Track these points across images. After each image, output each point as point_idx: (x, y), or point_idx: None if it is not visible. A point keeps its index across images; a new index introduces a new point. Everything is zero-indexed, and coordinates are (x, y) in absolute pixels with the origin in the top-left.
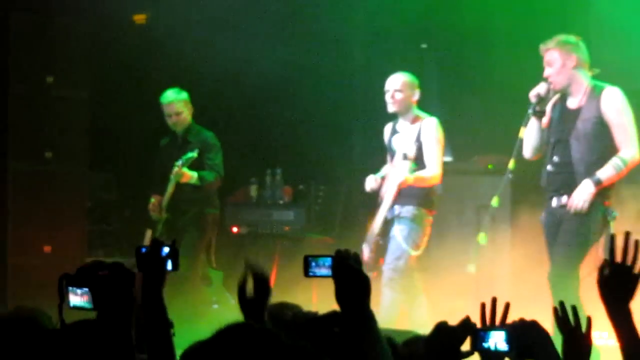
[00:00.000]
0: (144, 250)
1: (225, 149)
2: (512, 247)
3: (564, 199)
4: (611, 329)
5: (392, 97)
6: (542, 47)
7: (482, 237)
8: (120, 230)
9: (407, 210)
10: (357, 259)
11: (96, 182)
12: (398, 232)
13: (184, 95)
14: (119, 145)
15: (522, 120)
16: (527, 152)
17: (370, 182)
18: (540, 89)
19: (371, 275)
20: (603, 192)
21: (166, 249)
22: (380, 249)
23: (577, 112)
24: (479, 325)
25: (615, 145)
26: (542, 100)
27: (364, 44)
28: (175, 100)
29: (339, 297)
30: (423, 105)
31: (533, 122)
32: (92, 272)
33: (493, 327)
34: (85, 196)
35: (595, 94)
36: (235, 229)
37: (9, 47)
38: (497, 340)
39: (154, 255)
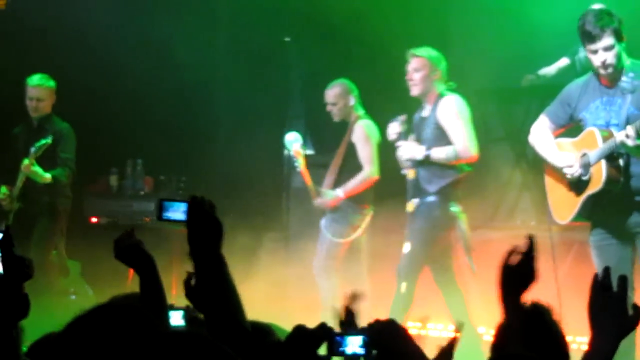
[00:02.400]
0: None
1: (86, 138)
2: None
3: (415, 201)
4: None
5: (331, 111)
6: (412, 52)
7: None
8: None
9: (339, 203)
10: (211, 205)
11: None
12: (323, 222)
13: (52, 83)
14: None
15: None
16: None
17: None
18: (395, 128)
19: None
20: (446, 192)
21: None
22: None
23: (426, 119)
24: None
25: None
26: (402, 133)
27: (227, 36)
28: (42, 86)
29: (192, 241)
30: (284, 98)
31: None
32: None
33: (350, 331)
34: None
35: (436, 102)
36: (94, 219)
37: None
38: (354, 345)
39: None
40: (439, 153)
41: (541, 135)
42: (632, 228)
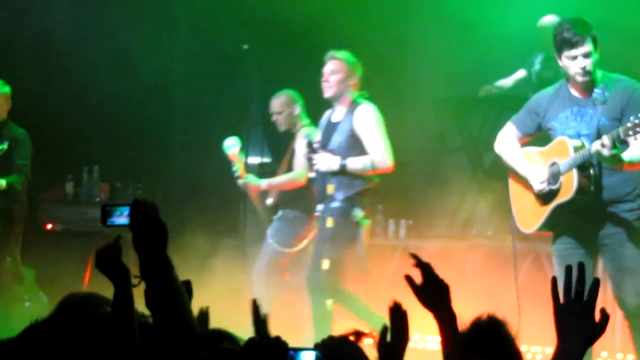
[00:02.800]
0: None
1: (42, 145)
2: None
3: (320, 206)
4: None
5: (277, 120)
6: (331, 53)
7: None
8: None
9: (286, 212)
10: (153, 207)
11: None
12: (269, 230)
13: (6, 89)
14: None
15: None
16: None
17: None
18: (307, 141)
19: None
20: (351, 200)
21: None
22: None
23: (336, 125)
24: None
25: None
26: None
27: (186, 43)
28: None
29: (137, 245)
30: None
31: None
32: None
33: (303, 347)
34: None
35: (352, 109)
36: (49, 226)
37: None
38: None
39: None
40: (356, 163)
41: (508, 144)
42: (600, 239)
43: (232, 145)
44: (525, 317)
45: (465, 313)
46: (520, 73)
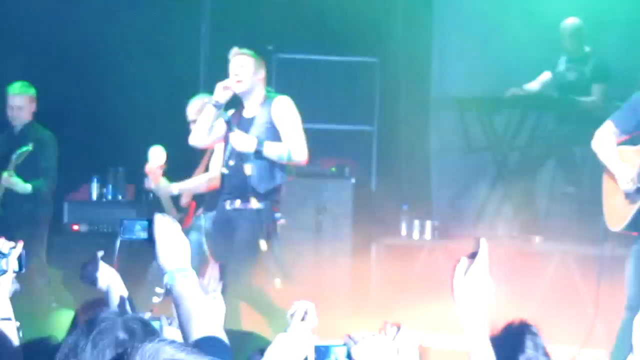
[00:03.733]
0: None
1: (67, 146)
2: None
3: (237, 202)
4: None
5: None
6: (236, 49)
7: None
8: None
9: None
10: (175, 221)
11: None
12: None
13: (32, 91)
14: None
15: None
16: (197, 137)
17: None
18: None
19: None
20: (272, 198)
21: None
22: None
23: (251, 120)
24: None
25: None
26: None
27: (210, 45)
28: (22, 94)
29: (162, 258)
30: None
31: (210, 109)
32: None
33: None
34: None
35: (267, 103)
36: (75, 227)
37: None
38: (338, 356)
39: None
40: (273, 149)
41: (604, 141)
42: None
43: (157, 156)
44: (553, 318)
45: (491, 314)
46: (545, 75)
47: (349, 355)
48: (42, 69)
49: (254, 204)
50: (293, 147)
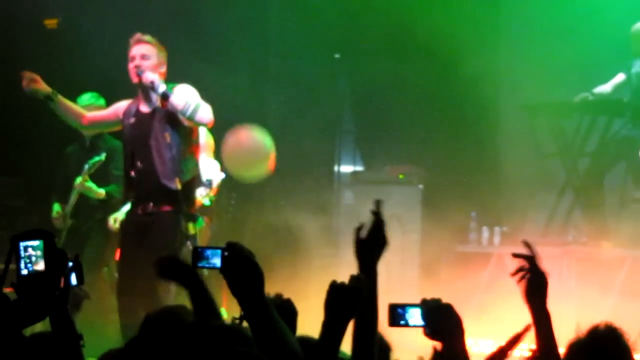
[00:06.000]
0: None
1: None
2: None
3: (150, 205)
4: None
5: None
6: (139, 35)
7: None
8: None
9: None
10: (250, 251)
11: (4, 187)
12: None
13: (101, 101)
14: (27, 149)
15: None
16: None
17: None
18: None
19: None
20: (186, 200)
21: (69, 264)
22: None
23: (151, 114)
24: None
25: None
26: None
27: (278, 54)
28: (92, 105)
29: (234, 289)
30: (333, 115)
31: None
32: None
33: (409, 303)
34: None
35: (167, 93)
36: None
37: None
38: (414, 316)
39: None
40: (179, 97)
41: None
42: None
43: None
44: (625, 324)
45: (563, 320)
46: (619, 77)
47: (423, 316)
48: (109, 79)
49: (166, 207)
50: (200, 104)
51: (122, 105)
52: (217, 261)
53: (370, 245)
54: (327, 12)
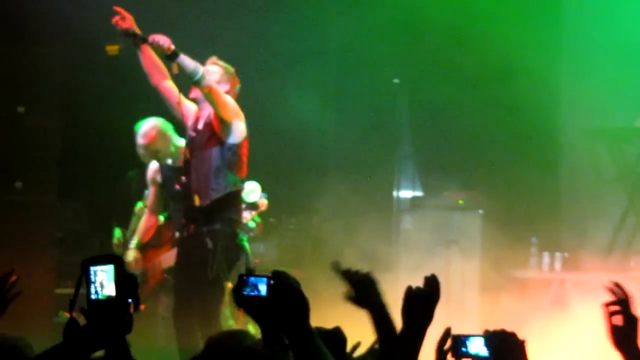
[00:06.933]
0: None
1: None
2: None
3: (191, 227)
4: None
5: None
6: (214, 58)
7: None
8: None
9: None
10: (296, 280)
11: (66, 212)
12: None
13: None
14: (89, 175)
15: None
16: None
17: None
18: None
19: None
20: (228, 219)
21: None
22: None
23: (201, 131)
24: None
25: None
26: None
27: (337, 79)
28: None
29: (279, 318)
30: (394, 139)
31: None
32: None
33: (471, 334)
34: (55, 226)
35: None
36: None
37: None
38: (477, 345)
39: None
40: (188, 60)
41: None
42: None
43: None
44: None
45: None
46: None
47: (486, 345)
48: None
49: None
50: (207, 71)
51: (192, 113)
52: (262, 289)
53: (421, 305)
54: (387, 37)
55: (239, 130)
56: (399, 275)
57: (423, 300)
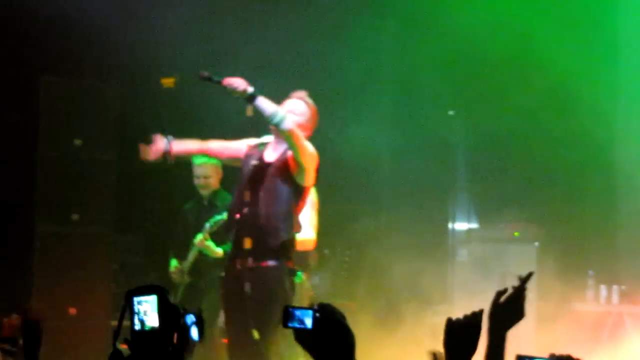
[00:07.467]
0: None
1: None
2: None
3: (249, 260)
4: None
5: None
6: (305, 94)
7: None
8: None
9: None
10: (342, 314)
11: (122, 244)
12: None
13: (217, 160)
14: (145, 207)
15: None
16: None
17: None
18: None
19: None
20: (286, 256)
21: (191, 317)
22: None
23: (270, 165)
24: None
25: None
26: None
27: (392, 111)
28: (207, 163)
29: (324, 352)
30: (450, 171)
31: None
32: None
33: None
34: (111, 258)
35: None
36: None
37: (38, 110)
38: None
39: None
40: (267, 102)
41: None
42: None
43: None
44: None
45: None
46: None
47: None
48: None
49: (268, 261)
50: (288, 114)
51: (243, 145)
52: (308, 322)
53: (506, 313)
54: (443, 67)
55: (311, 176)
56: (454, 308)
57: (463, 332)
